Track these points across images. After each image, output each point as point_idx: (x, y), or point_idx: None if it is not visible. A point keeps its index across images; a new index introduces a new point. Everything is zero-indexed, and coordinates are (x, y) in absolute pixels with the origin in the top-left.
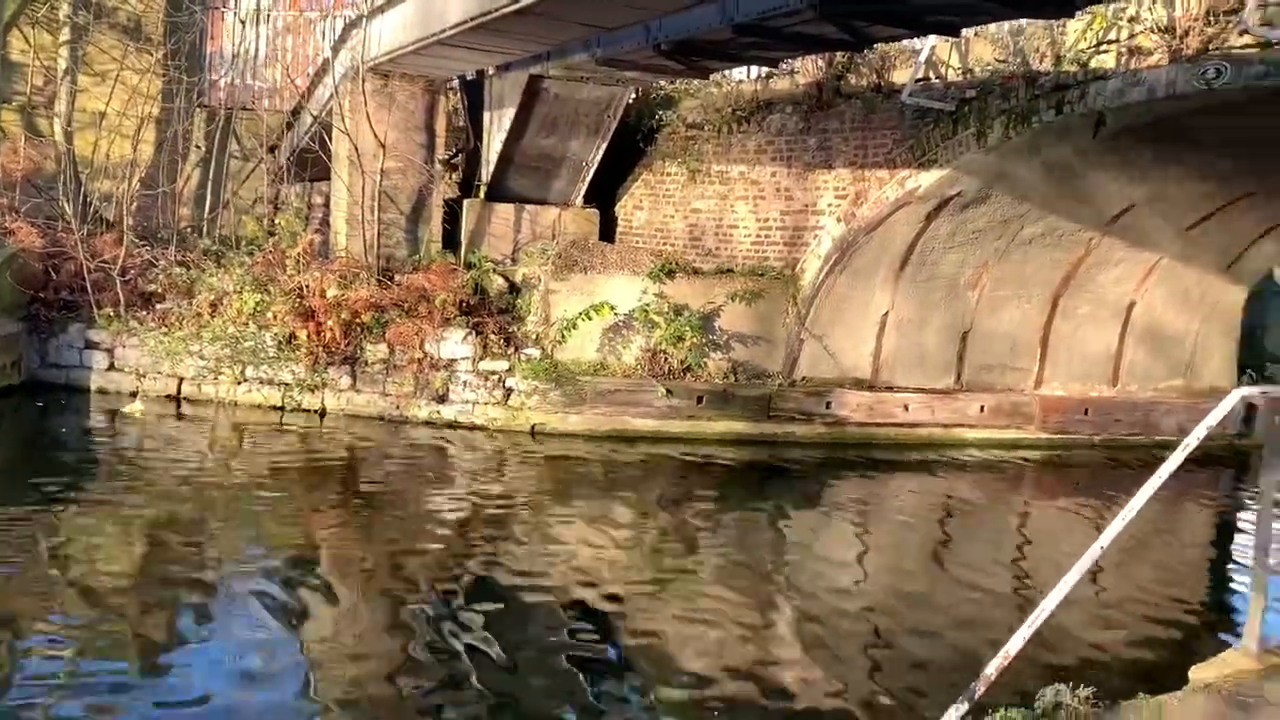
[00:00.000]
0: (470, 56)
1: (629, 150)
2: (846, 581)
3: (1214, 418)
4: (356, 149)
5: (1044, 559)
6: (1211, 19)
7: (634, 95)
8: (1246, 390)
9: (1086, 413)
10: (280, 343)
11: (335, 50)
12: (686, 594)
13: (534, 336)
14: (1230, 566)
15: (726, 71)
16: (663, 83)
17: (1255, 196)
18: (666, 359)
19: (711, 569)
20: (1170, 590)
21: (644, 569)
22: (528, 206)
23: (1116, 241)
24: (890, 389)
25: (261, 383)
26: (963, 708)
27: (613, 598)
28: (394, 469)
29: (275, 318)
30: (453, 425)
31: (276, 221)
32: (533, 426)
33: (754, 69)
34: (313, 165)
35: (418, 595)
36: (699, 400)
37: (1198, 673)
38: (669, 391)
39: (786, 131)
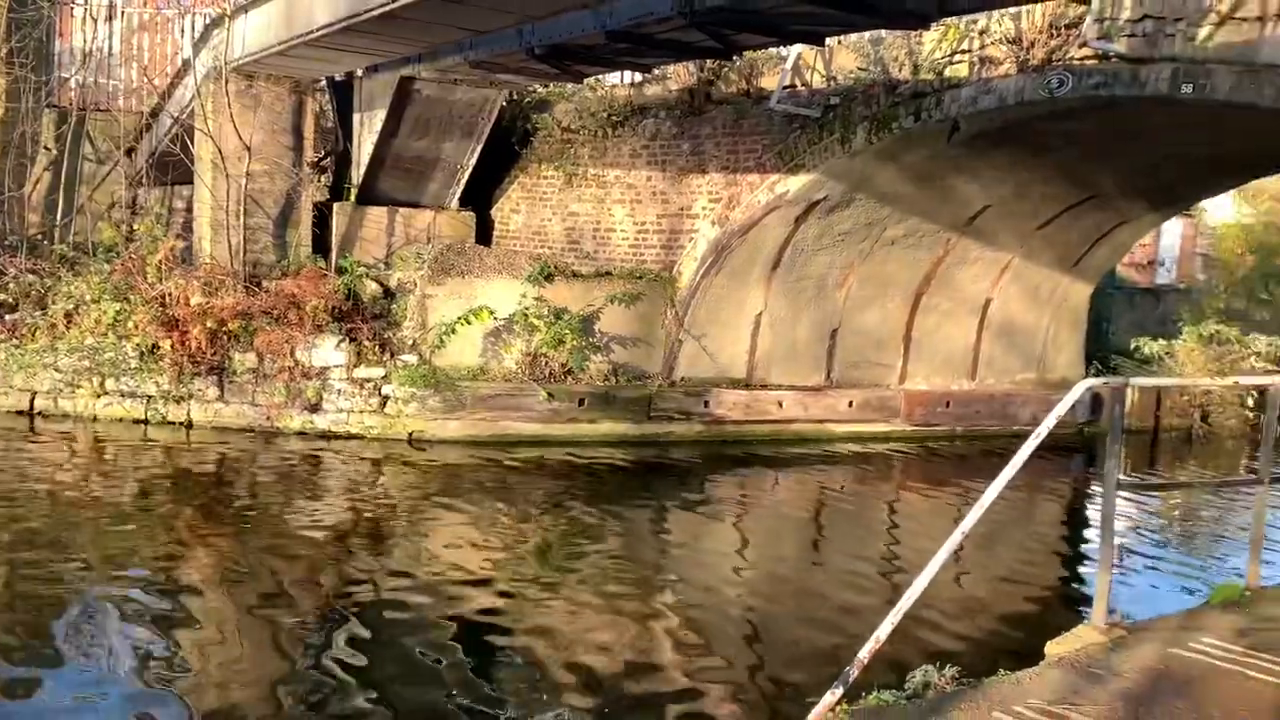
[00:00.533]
0: (339, 58)
1: (505, 153)
2: (728, 575)
3: (1062, 408)
4: (220, 152)
5: (913, 546)
6: (1054, 32)
7: (508, 98)
8: (1091, 382)
9: (948, 405)
10: (142, 353)
11: (196, 50)
12: (571, 595)
13: (411, 342)
14: (1082, 546)
15: (600, 76)
16: (537, 86)
17: (1097, 198)
18: (547, 362)
19: (596, 569)
20: (1029, 571)
21: (527, 572)
22: (401, 209)
23: (973, 242)
24: (765, 387)
25: (123, 395)
26: (838, 692)
27: (496, 602)
28: (266, 482)
29: (136, 327)
30: (327, 435)
31: (135, 227)
32: (411, 434)
33: (628, 74)
34: (174, 168)
35: (294, 612)
36: (581, 403)
37: (1052, 648)
38: (550, 395)
39: (661, 136)
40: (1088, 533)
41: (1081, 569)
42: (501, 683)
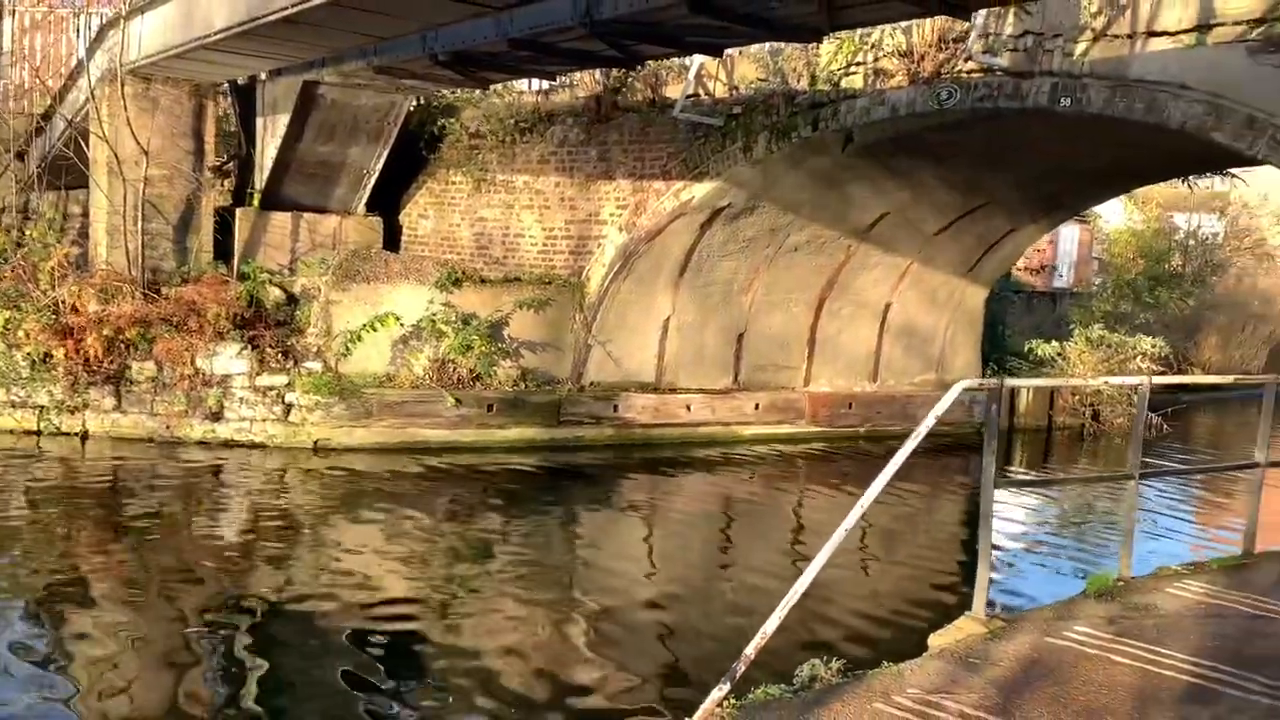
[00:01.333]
0: (239, 61)
1: (413, 158)
2: (637, 576)
3: (939, 409)
4: (116, 156)
5: (817, 544)
6: (943, 46)
7: (416, 103)
8: (967, 383)
9: (851, 406)
10: (34, 362)
11: (91, 51)
12: (481, 601)
13: (315, 349)
14: (975, 541)
15: (508, 82)
16: (445, 91)
17: (988, 206)
18: (455, 368)
19: (505, 575)
20: (924, 566)
21: (437, 580)
22: (306, 215)
23: (873, 248)
24: (674, 390)
25: (14, 406)
26: (725, 688)
27: (405, 610)
28: (165, 494)
29: (28, 336)
30: (229, 444)
31: (27, 232)
32: (316, 442)
33: (536, 81)
34: (68, 173)
35: (196, 627)
36: (489, 408)
37: (935, 639)
38: (458, 401)
39: (569, 143)
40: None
41: (973, 563)
42: (411, 689)
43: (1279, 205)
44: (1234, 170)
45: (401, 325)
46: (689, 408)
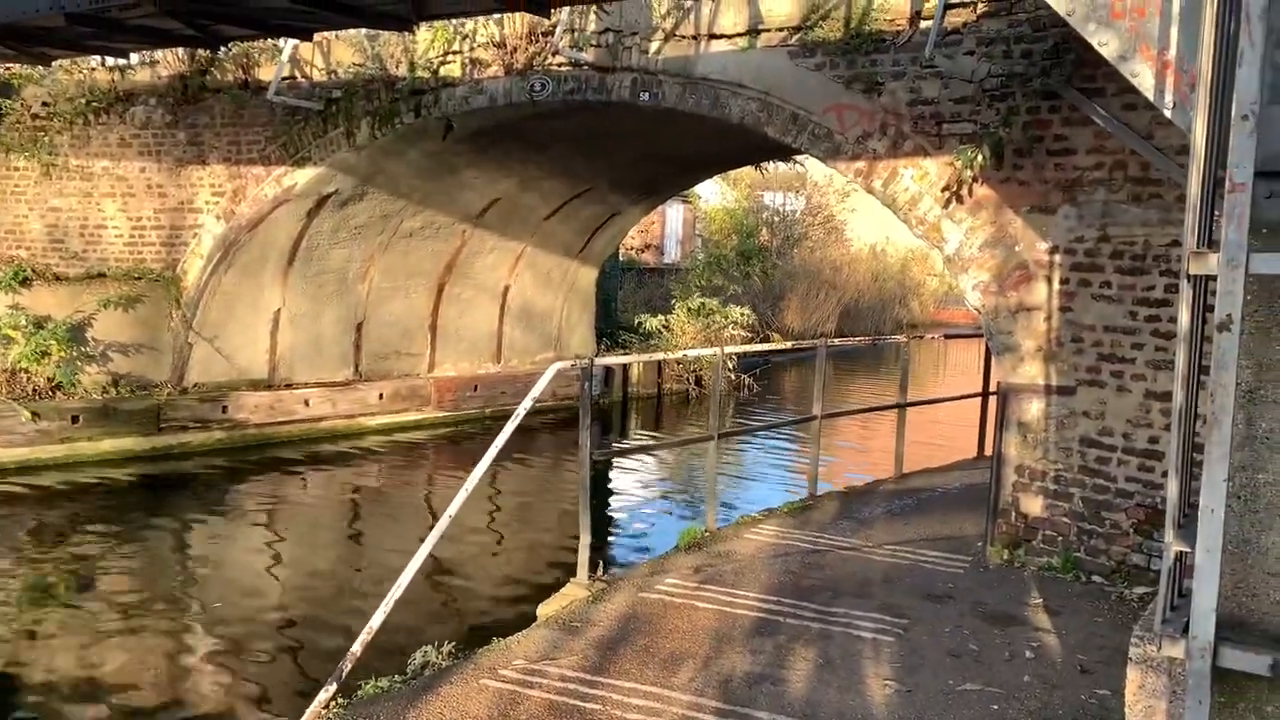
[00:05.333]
0: None
1: None
2: (255, 584)
3: (536, 391)
4: None
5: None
6: (534, 38)
7: None
8: (560, 365)
9: (476, 389)
10: None
11: None
12: (79, 632)
13: None
14: (605, 511)
15: (76, 59)
16: None
17: (591, 191)
18: (30, 378)
19: (107, 600)
20: (546, 536)
21: (27, 618)
22: None
23: (488, 232)
24: (290, 386)
25: None
26: (332, 688)
27: None
28: None
29: None
30: None
31: None
32: None
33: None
34: None
35: None
36: (75, 420)
37: (543, 608)
38: (35, 414)
39: (153, 125)
40: (602, 496)
41: (598, 533)
42: None
43: (842, 184)
44: (798, 158)
45: None
46: (308, 403)
